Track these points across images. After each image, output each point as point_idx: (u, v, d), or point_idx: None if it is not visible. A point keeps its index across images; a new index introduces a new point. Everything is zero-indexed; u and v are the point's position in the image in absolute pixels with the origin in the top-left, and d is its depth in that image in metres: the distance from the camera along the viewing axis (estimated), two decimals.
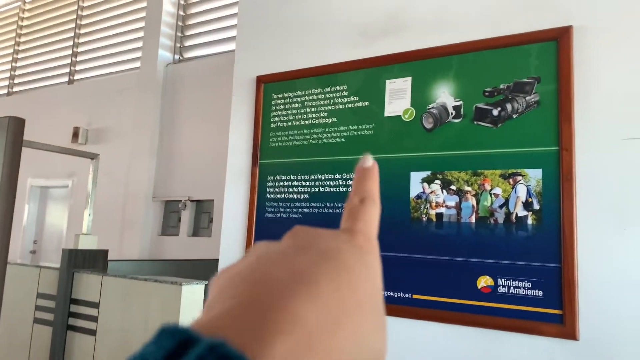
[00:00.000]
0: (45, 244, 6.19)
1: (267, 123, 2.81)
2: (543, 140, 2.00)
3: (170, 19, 5.34)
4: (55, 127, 5.87)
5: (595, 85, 1.95)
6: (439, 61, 2.30)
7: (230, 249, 2.80)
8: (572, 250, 1.86)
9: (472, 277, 2.06)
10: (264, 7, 2.97)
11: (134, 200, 4.90)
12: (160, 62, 5.16)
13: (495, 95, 2.13)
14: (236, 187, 2.86)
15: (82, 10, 6.41)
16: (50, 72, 6.62)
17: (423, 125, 2.29)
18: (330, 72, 2.63)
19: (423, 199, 2.23)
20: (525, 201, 2.00)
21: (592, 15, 2.00)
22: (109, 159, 4.89)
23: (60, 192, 6.05)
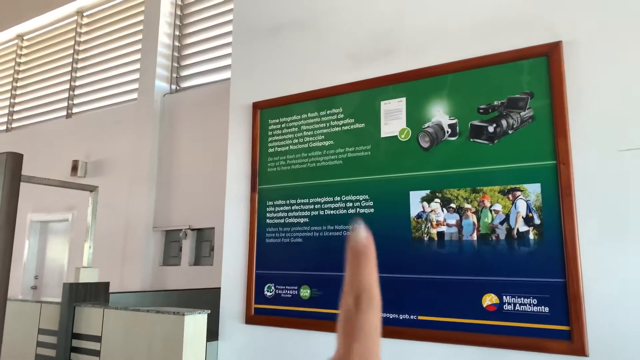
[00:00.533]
0: (46, 278, 6.14)
1: (265, 148, 2.82)
2: (540, 155, 2.00)
3: (166, 50, 5.41)
4: (55, 161, 5.89)
5: (588, 98, 1.96)
6: (431, 81, 2.32)
7: (232, 277, 2.78)
8: (575, 265, 1.85)
9: (477, 295, 2.04)
10: (258, 36, 3.01)
11: (134, 231, 4.89)
12: (157, 92, 5.21)
13: (489, 112, 2.15)
14: (236, 213, 2.85)
15: (79, 45, 6.50)
16: (49, 106, 6.67)
17: (420, 145, 2.30)
18: (325, 96, 2.65)
19: (424, 218, 2.22)
20: (526, 216, 1.99)
21: (581, 30, 2.02)
22: (108, 190, 4.90)
23: (61, 226, 6.03)
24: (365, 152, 2.47)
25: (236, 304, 2.73)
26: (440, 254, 2.16)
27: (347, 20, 2.68)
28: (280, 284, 2.59)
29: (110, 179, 5.35)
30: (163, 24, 5.40)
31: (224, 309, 2.78)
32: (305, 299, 2.49)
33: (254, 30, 3.05)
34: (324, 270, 2.46)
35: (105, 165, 5.52)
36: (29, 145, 6.20)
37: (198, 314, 2.56)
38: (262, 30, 3.00)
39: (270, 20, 2.98)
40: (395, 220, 2.29)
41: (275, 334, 2.56)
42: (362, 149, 2.48)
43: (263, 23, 3.01)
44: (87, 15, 6.56)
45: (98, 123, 5.77)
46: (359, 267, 0.33)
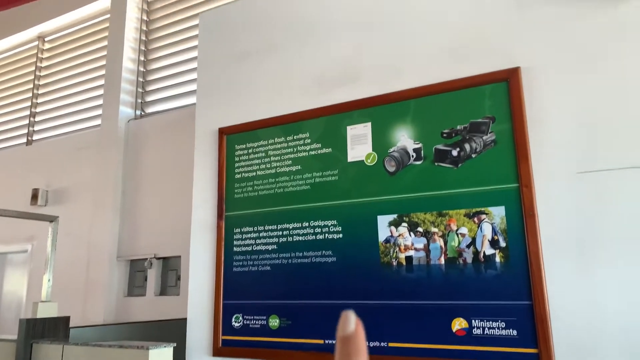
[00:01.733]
0: (3, 313, 5.85)
1: (231, 174, 2.78)
2: (503, 178, 2.03)
3: (130, 75, 5.34)
4: (14, 189, 5.68)
5: (548, 122, 2.01)
6: (396, 106, 2.35)
7: (199, 307, 2.70)
8: (541, 286, 1.87)
9: (447, 320, 2.03)
10: (223, 61, 3.00)
11: (98, 261, 4.72)
12: (122, 118, 5.11)
13: (453, 136, 2.18)
14: (202, 241, 2.79)
15: (40, 70, 6.35)
16: (8, 133, 6.46)
17: (386, 169, 2.31)
18: (291, 121, 2.65)
19: (392, 242, 2.22)
20: (492, 239, 2.01)
21: (538, 57, 2.09)
22: (70, 219, 4.73)
23: (19, 257, 5.79)
24: (333, 176, 2.46)
25: (203, 336, 2.65)
26: (409, 278, 2.15)
27: (312, 46, 2.70)
28: (248, 313, 2.53)
29: (72, 207, 5.18)
30: (127, 49, 5.34)
31: (190, 342, 2.69)
32: (275, 329, 2.44)
33: (219, 56, 3.03)
34: (294, 299, 2.41)
35: (67, 193, 5.35)
36: None
37: (163, 348, 2.46)
38: (228, 55, 2.99)
39: (236, 46, 2.97)
40: (364, 245, 2.28)
41: None
42: (330, 173, 2.47)
43: (228, 49, 3.00)
44: (48, 40, 6.43)
45: (60, 150, 5.61)
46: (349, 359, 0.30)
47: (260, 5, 2.96)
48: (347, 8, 2.63)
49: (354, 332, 0.31)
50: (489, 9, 2.25)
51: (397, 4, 2.48)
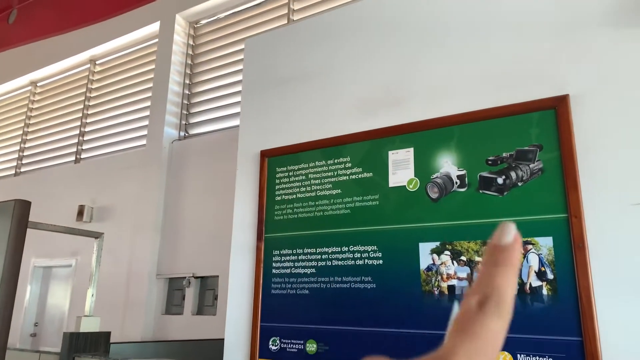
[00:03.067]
0: (46, 326, 6.02)
1: (272, 196, 2.81)
2: (551, 208, 1.97)
3: (176, 97, 5.51)
4: (61, 205, 5.90)
5: (598, 151, 1.96)
6: (439, 132, 2.33)
7: (236, 329, 2.71)
8: (592, 322, 1.79)
9: None
10: (267, 85, 3.07)
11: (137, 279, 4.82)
12: (166, 139, 5.27)
13: (498, 164, 2.14)
14: (241, 262, 2.81)
15: (90, 92, 6.64)
16: (58, 151, 6.75)
17: (428, 195, 2.28)
18: (332, 145, 2.66)
19: (434, 270, 2.18)
20: (539, 270, 1.94)
21: (587, 84, 2.04)
22: (112, 236, 4.87)
23: (64, 271, 5.97)
24: (373, 201, 2.45)
25: (240, 357, 2.64)
26: (452, 308, 2.09)
27: (355, 71, 2.72)
28: (285, 337, 2.52)
29: (115, 224, 5.33)
30: (173, 72, 5.53)
31: None
32: (312, 354, 2.41)
33: (262, 81, 3.10)
34: (331, 324, 2.39)
35: (110, 210, 5.52)
36: (36, 190, 6.23)
37: None
38: (271, 80, 3.06)
39: (279, 70, 3.04)
40: (405, 272, 2.24)
41: None
42: (370, 198, 2.46)
43: (272, 74, 3.06)
44: (99, 63, 6.74)
45: (106, 168, 5.81)
46: (496, 267, 0.28)
47: (303, 31, 3.02)
48: (390, 33, 2.65)
49: (512, 243, 0.28)
50: (536, 34, 2.22)
51: (442, 29, 2.49)
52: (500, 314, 0.27)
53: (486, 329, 0.26)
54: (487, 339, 0.26)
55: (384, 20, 2.71)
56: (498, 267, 0.28)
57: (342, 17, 2.89)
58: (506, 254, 0.28)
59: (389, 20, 2.69)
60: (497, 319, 0.27)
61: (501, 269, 0.28)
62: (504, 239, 0.29)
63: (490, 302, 0.27)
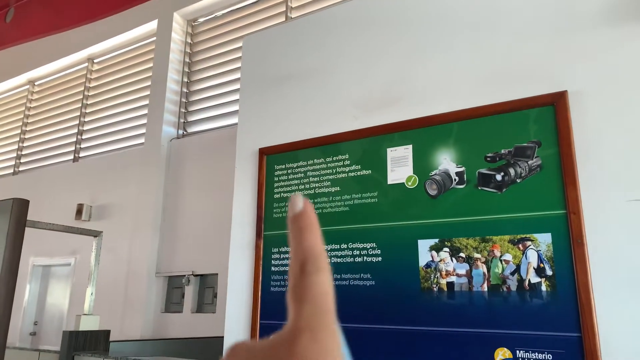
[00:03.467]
0: (45, 324, 6.02)
1: (271, 194, 2.81)
2: (550, 204, 1.98)
3: (174, 95, 5.50)
4: (60, 204, 5.90)
5: (597, 147, 1.96)
6: (438, 128, 2.33)
7: (236, 327, 2.71)
8: (591, 318, 1.79)
9: (489, 349, 1.97)
10: (265, 83, 3.06)
11: (137, 277, 4.82)
12: (164, 137, 5.26)
13: (497, 161, 2.14)
14: (240, 260, 2.81)
15: (88, 90, 6.62)
16: (56, 150, 6.74)
17: (427, 192, 2.29)
18: (331, 142, 2.66)
19: (432, 267, 2.18)
20: (537, 267, 1.95)
21: (586, 80, 2.04)
22: (111, 234, 4.87)
23: (63, 270, 5.97)
24: (372, 199, 2.45)
25: None
26: (451, 305, 2.10)
27: (354, 69, 2.72)
28: None
29: (114, 223, 5.33)
30: (171, 71, 5.52)
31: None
32: None
33: (261, 78, 3.10)
34: None
35: (109, 209, 5.51)
36: (34, 189, 6.22)
37: None
38: (270, 78, 3.05)
39: (278, 68, 3.03)
40: (404, 269, 2.25)
41: None
42: (369, 195, 2.46)
43: (271, 71, 3.06)
44: (97, 62, 6.72)
45: (104, 167, 5.81)
46: (302, 234, 0.31)
47: (302, 29, 3.02)
48: (389, 30, 2.65)
49: (303, 209, 0.32)
50: (535, 31, 2.22)
51: (440, 26, 2.49)
52: (319, 267, 0.30)
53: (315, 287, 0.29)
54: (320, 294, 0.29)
55: (382, 17, 2.70)
56: (301, 231, 0.31)
57: (340, 15, 2.88)
58: (302, 218, 0.31)
59: (387, 17, 2.68)
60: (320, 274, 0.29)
61: (304, 231, 0.31)
62: (295, 208, 0.32)
63: (308, 263, 0.30)
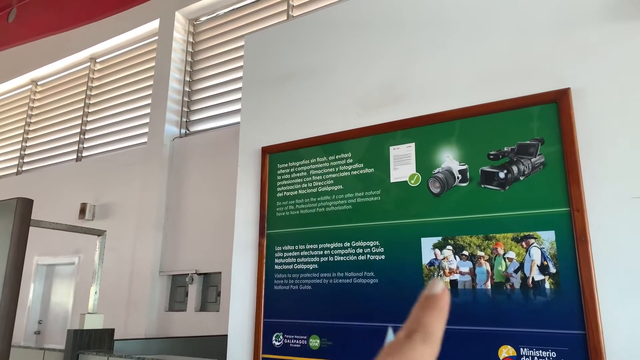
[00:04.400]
0: (50, 323, 6.05)
1: (274, 193, 2.81)
2: (553, 202, 1.97)
3: (176, 94, 5.51)
4: (63, 203, 5.92)
5: (600, 145, 1.95)
6: (441, 126, 2.33)
7: (239, 325, 2.72)
8: (595, 316, 1.79)
9: (493, 347, 1.97)
10: (267, 82, 3.06)
11: (140, 276, 4.83)
12: (167, 136, 5.27)
13: (500, 158, 2.14)
14: (244, 258, 2.82)
15: (91, 90, 6.64)
16: (59, 150, 6.76)
17: (430, 190, 2.29)
18: (334, 141, 2.66)
19: (436, 265, 2.18)
20: (541, 264, 1.95)
21: (588, 77, 2.04)
22: (115, 234, 4.88)
23: (67, 269, 5.99)
24: (375, 197, 2.45)
25: (243, 353, 2.66)
26: (454, 303, 2.10)
27: (356, 67, 2.72)
28: (289, 333, 2.53)
29: (117, 222, 5.35)
30: (174, 70, 5.53)
31: (230, 358, 2.70)
32: (315, 350, 2.42)
33: (263, 77, 3.10)
34: (335, 320, 2.40)
35: (113, 208, 5.53)
36: (38, 188, 6.24)
37: None
38: (272, 77, 3.05)
39: (280, 67, 3.03)
40: (407, 267, 2.25)
41: None
42: (372, 194, 2.46)
43: (273, 70, 3.06)
44: (99, 61, 6.74)
45: (107, 166, 5.82)
46: (424, 310, 0.31)
47: (303, 28, 3.02)
48: (391, 28, 2.65)
49: (440, 293, 0.31)
50: (537, 28, 2.22)
51: (443, 24, 2.48)
52: (426, 341, 0.28)
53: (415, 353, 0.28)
54: None
55: (385, 15, 2.70)
56: (427, 309, 0.30)
57: (342, 13, 2.88)
58: (435, 300, 0.31)
59: (390, 15, 2.68)
60: (423, 344, 0.28)
61: (430, 311, 0.30)
62: (434, 289, 0.31)
63: (416, 334, 0.29)
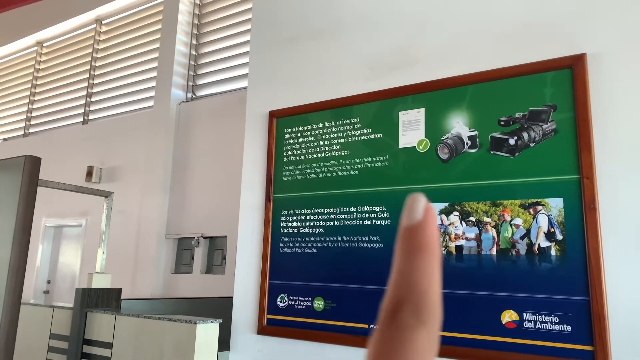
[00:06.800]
0: (58, 283, 6.16)
1: (280, 157, 2.80)
2: (562, 169, 1.96)
3: (183, 58, 5.45)
4: (70, 166, 5.94)
5: (613, 112, 1.92)
6: (451, 92, 2.29)
7: (245, 286, 2.75)
8: (600, 282, 1.79)
9: (496, 312, 1.99)
10: (275, 45, 3.01)
11: (147, 238, 4.89)
12: (173, 100, 5.24)
13: (510, 124, 2.11)
14: (250, 222, 2.83)
15: (97, 52, 6.57)
16: (66, 112, 6.74)
17: (438, 156, 2.27)
18: (342, 105, 2.63)
19: (442, 231, 2.18)
20: (548, 231, 1.94)
21: (605, 42, 1.99)
22: (122, 197, 4.91)
23: (74, 231, 6.07)
24: (383, 162, 2.44)
25: (248, 314, 2.70)
26: (459, 268, 2.11)
27: (367, 29, 2.67)
28: (293, 294, 2.56)
29: (124, 185, 5.37)
30: (180, 33, 5.45)
31: (235, 319, 2.75)
32: (319, 311, 2.45)
33: (271, 39, 3.05)
34: (339, 282, 2.42)
35: (119, 171, 5.55)
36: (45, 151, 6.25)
37: (210, 323, 2.53)
38: (280, 39, 3.00)
39: (288, 29, 2.98)
40: None
41: (288, 346, 2.52)
42: (379, 159, 2.45)
43: (280, 32, 3.01)
44: (105, 23, 6.64)
45: (114, 130, 5.82)
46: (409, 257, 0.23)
47: None
48: None
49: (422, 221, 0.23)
50: None
51: None
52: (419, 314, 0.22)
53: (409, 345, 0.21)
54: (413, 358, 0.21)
55: None
56: (411, 256, 0.23)
57: None
58: (418, 234, 0.23)
59: None
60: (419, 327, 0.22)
61: (416, 258, 0.23)
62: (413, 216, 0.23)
63: (406, 309, 0.22)
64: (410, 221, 0.23)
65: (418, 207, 0.23)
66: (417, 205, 0.23)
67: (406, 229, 0.23)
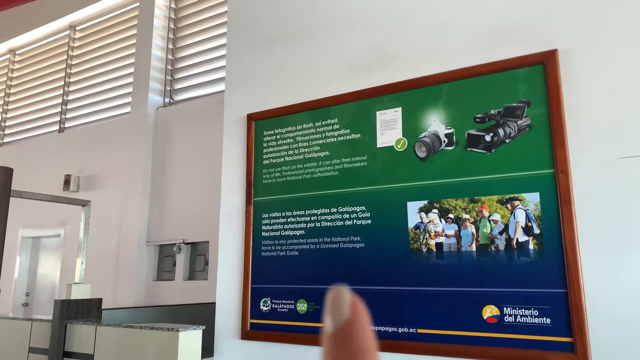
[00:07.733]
0: (38, 295, 6.04)
1: (260, 160, 2.79)
2: (538, 164, 1.98)
3: (160, 63, 5.39)
4: (47, 175, 5.83)
5: (586, 106, 1.95)
6: (427, 90, 2.31)
7: (227, 291, 2.73)
8: (577, 275, 1.82)
9: (477, 307, 2.00)
10: (252, 47, 3.00)
11: (128, 246, 4.82)
12: (151, 106, 5.18)
13: (486, 121, 2.13)
14: (231, 226, 2.81)
15: (71, 59, 6.47)
16: (41, 121, 6.62)
17: (416, 155, 2.28)
18: (320, 107, 2.63)
19: (421, 229, 2.19)
20: (525, 226, 1.96)
21: (576, 39, 2.02)
22: (101, 205, 4.83)
23: (53, 241, 5.95)
24: (362, 162, 2.44)
25: (231, 319, 2.68)
26: (439, 265, 2.12)
27: (343, 30, 2.67)
28: (276, 298, 2.55)
29: (103, 193, 5.29)
30: (156, 38, 5.39)
31: (219, 325, 2.72)
32: (302, 314, 2.44)
33: (248, 42, 3.03)
34: (321, 284, 2.42)
35: (98, 179, 5.46)
36: (21, 160, 6.13)
37: (193, 330, 2.50)
38: (257, 41, 2.99)
39: (265, 31, 2.97)
40: (393, 231, 2.26)
41: (272, 350, 2.50)
42: (358, 159, 2.45)
43: (257, 34, 2.99)
44: (79, 29, 6.54)
45: (91, 137, 5.72)
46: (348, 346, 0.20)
47: None
48: None
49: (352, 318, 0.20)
50: None
51: None
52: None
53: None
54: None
55: None
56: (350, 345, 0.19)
57: None
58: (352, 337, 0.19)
59: None
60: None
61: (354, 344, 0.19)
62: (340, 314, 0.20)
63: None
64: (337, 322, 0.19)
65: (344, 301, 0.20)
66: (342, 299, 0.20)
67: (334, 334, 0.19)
